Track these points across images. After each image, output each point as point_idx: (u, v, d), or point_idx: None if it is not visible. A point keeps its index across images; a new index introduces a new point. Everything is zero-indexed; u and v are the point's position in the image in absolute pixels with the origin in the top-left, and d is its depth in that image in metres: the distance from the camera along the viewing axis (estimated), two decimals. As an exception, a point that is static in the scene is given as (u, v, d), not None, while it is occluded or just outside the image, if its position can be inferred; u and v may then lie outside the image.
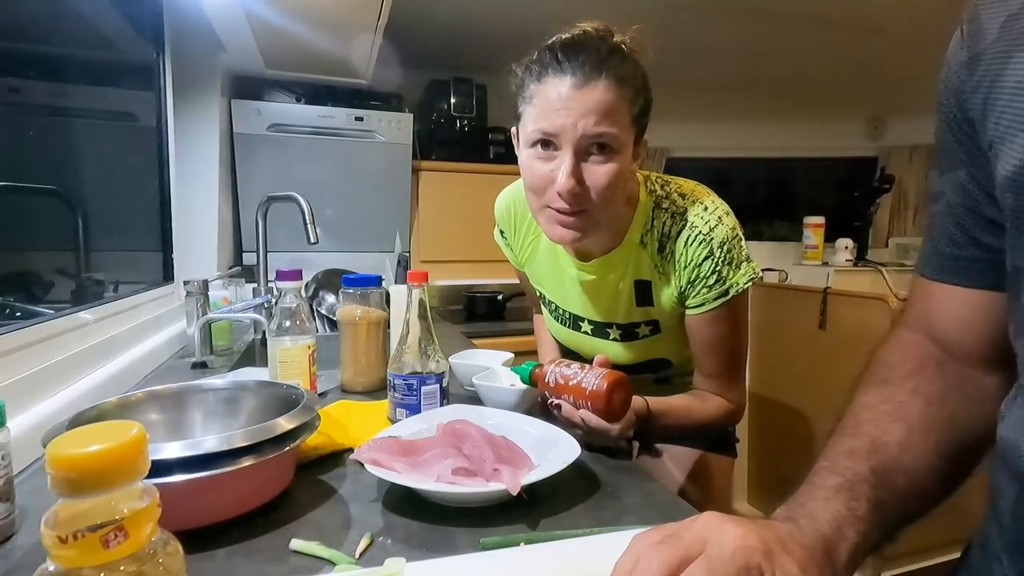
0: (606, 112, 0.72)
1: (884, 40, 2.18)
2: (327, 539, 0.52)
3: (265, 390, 0.72)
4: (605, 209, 0.77)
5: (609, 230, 0.86)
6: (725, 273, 0.82)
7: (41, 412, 0.75)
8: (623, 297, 0.90)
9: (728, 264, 0.82)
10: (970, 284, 0.47)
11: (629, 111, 0.75)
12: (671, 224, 0.83)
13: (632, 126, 0.76)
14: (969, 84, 0.42)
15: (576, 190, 0.74)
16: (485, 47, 2.29)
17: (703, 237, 0.81)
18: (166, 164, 1.49)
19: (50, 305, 0.93)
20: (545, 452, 0.66)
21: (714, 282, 0.82)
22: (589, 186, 0.75)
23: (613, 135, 0.73)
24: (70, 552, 0.27)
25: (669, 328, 0.91)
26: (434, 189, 2.34)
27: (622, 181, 0.77)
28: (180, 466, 0.50)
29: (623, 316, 0.92)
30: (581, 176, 0.74)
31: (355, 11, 1.47)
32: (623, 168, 0.76)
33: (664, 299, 0.87)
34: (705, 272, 0.82)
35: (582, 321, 0.97)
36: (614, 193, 0.77)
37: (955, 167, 0.46)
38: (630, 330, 0.93)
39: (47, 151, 1.03)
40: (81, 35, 1.17)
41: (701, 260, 0.81)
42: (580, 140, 0.73)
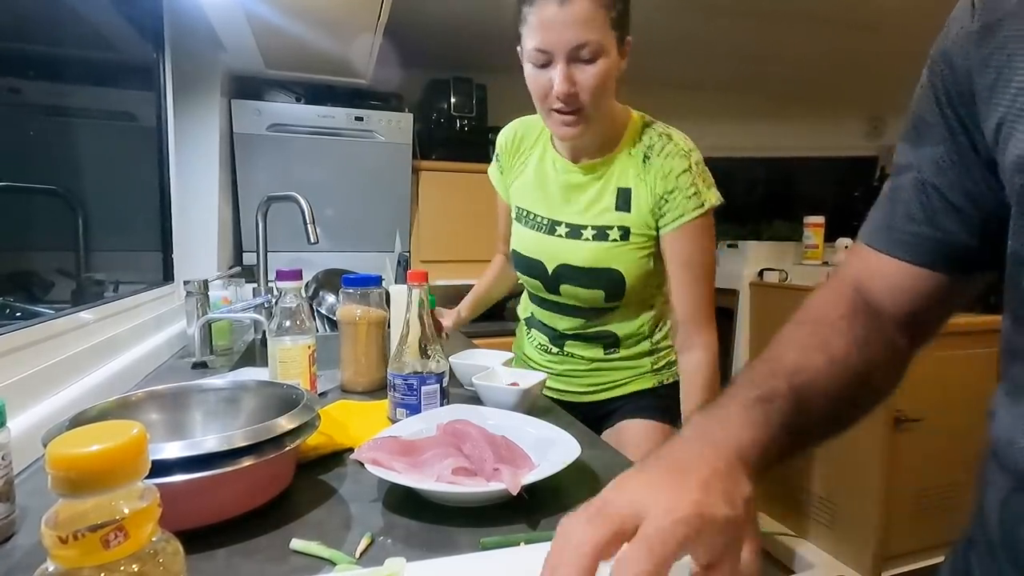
0: (586, 22, 0.84)
1: (884, 40, 2.18)
2: (327, 539, 0.52)
3: (265, 390, 0.72)
4: (598, 104, 0.90)
5: (603, 136, 0.99)
6: (701, 188, 0.94)
7: (41, 412, 0.75)
8: (604, 199, 1.00)
9: (703, 181, 0.95)
10: (912, 260, 0.47)
11: (607, 17, 0.86)
12: (656, 140, 0.97)
13: (613, 29, 0.87)
14: (977, 57, 0.40)
15: (571, 90, 0.88)
16: (485, 47, 2.29)
17: (683, 152, 0.95)
18: (166, 164, 1.49)
19: (50, 305, 0.94)
20: (545, 452, 0.66)
21: (692, 194, 0.94)
22: (582, 86, 0.88)
23: (596, 41, 0.85)
24: (70, 552, 0.27)
25: (635, 240, 0.99)
26: (434, 189, 2.34)
27: (609, 79, 0.90)
28: (180, 466, 0.50)
29: (599, 217, 1.01)
30: (573, 79, 0.87)
31: (355, 11, 1.47)
32: (609, 67, 0.88)
33: (640, 207, 0.97)
34: (683, 183, 0.94)
35: (559, 225, 1.05)
36: (604, 90, 0.90)
37: (934, 142, 0.45)
38: (603, 231, 1.01)
39: (48, 151, 1.03)
40: (81, 35, 1.17)
41: (680, 172, 0.94)
42: (569, 51, 0.86)
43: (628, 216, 0.98)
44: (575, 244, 1.02)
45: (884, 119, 3.13)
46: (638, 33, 0.92)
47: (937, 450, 1.94)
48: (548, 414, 0.87)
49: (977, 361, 1.95)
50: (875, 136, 3.17)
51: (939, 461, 1.97)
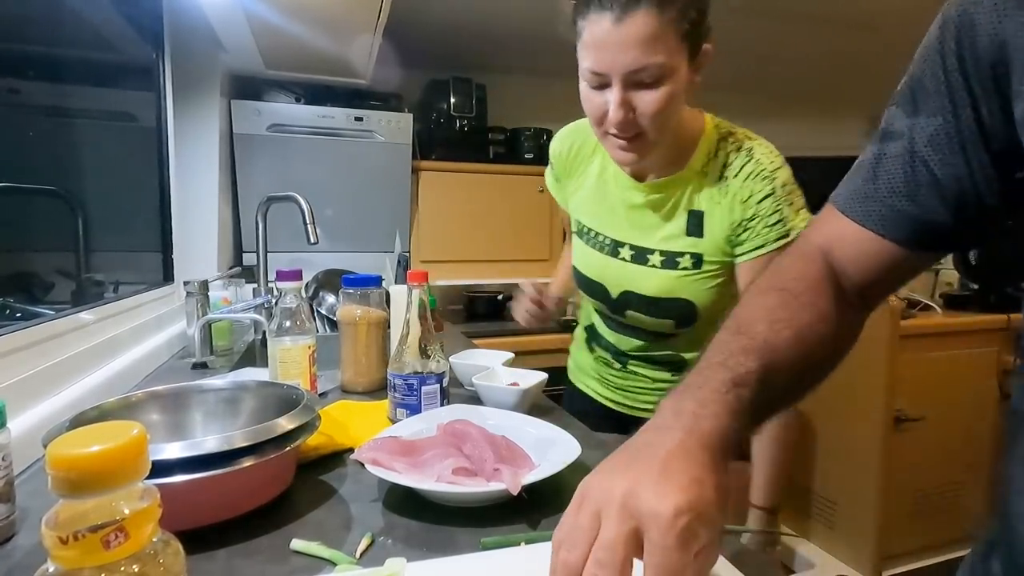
0: (648, 43, 0.72)
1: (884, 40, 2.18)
2: (327, 539, 0.52)
3: (265, 390, 0.72)
4: (660, 130, 0.80)
5: (670, 152, 0.87)
6: (786, 214, 0.81)
7: (41, 413, 0.75)
8: (674, 222, 0.89)
9: (789, 206, 0.82)
10: (886, 234, 0.47)
11: (675, 32, 0.74)
12: (735, 157, 0.84)
13: (683, 43, 0.75)
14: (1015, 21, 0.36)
15: (628, 117, 0.77)
16: (484, 47, 2.29)
17: (766, 174, 0.82)
18: (166, 164, 1.49)
19: (50, 306, 0.94)
20: (545, 452, 0.66)
21: (775, 222, 0.82)
22: (640, 113, 0.77)
23: (658, 64, 0.74)
24: (71, 553, 0.27)
25: (708, 268, 0.88)
26: (434, 189, 2.35)
27: (674, 103, 0.78)
28: (181, 466, 0.50)
29: (668, 242, 0.90)
30: (631, 105, 0.76)
31: (354, 11, 1.47)
32: (674, 89, 0.77)
33: (715, 233, 0.86)
34: (765, 210, 0.82)
35: (622, 247, 0.94)
36: (667, 115, 0.78)
37: (931, 112, 0.42)
38: (673, 258, 0.90)
39: (47, 152, 1.03)
40: (81, 36, 1.17)
41: (762, 197, 0.82)
42: (626, 75, 0.75)
43: (701, 242, 0.87)
44: (641, 271, 0.92)
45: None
46: None
47: (937, 450, 1.94)
48: (548, 414, 0.87)
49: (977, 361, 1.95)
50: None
51: (939, 461, 1.97)
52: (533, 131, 2.46)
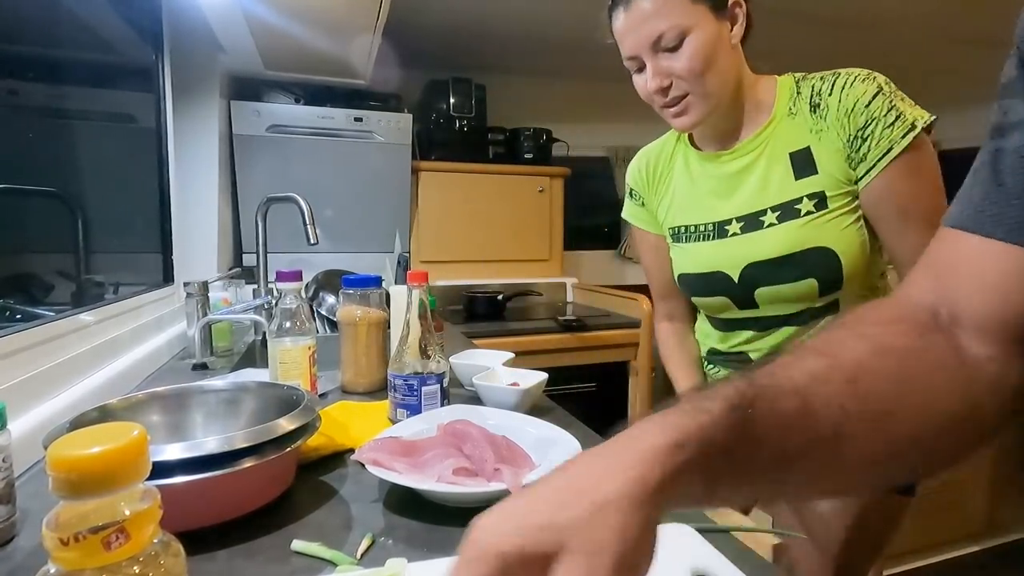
0: (656, 13, 0.78)
1: (883, 40, 2.18)
2: (328, 540, 0.52)
3: (266, 391, 0.72)
4: (703, 86, 0.80)
5: (747, 110, 0.87)
6: (902, 108, 0.74)
7: (42, 414, 0.75)
8: (777, 172, 0.84)
9: (902, 100, 0.75)
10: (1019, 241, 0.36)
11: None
12: (820, 83, 0.82)
13: (696, 2, 0.79)
14: None
15: (664, 84, 0.81)
16: (484, 47, 2.29)
17: (864, 76, 0.77)
18: (165, 165, 1.49)
19: (51, 307, 0.93)
20: (546, 452, 0.66)
21: (894, 119, 0.74)
22: (677, 75, 0.80)
23: (672, 26, 0.78)
24: (71, 554, 0.27)
25: (836, 204, 0.80)
26: (434, 189, 2.35)
27: (707, 53, 0.79)
28: (181, 467, 0.50)
29: (779, 195, 0.83)
30: (665, 72, 0.81)
31: (354, 11, 1.47)
32: (704, 43, 0.79)
33: (830, 162, 0.79)
34: (879, 109, 0.74)
35: (728, 224, 0.88)
36: (705, 67, 0.79)
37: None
38: (790, 207, 0.82)
39: (47, 153, 1.03)
40: (80, 37, 1.17)
41: (870, 98, 0.75)
42: (649, 47, 0.80)
43: (817, 178, 0.80)
44: (758, 236, 0.84)
45: (883, 118, 3.13)
46: None
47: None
48: (548, 414, 0.87)
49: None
50: (874, 135, 3.17)
51: (940, 460, 1.97)
52: (533, 131, 2.46)
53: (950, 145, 3.05)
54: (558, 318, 2.06)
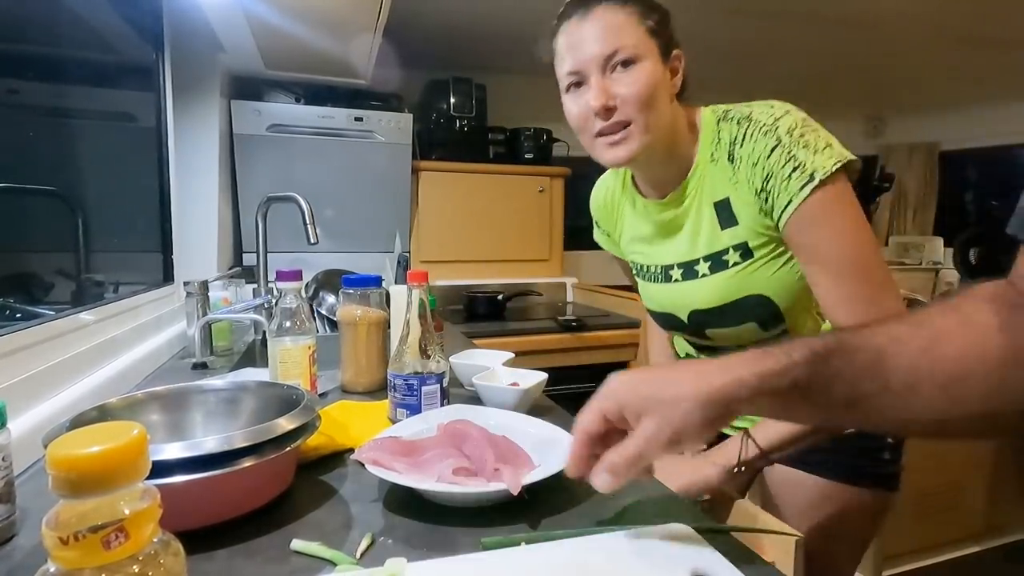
0: (613, 30, 0.76)
1: (884, 40, 2.18)
2: (328, 539, 0.52)
3: (265, 391, 0.72)
4: (646, 117, 0.77)
5: (676, 157, 0.84)
6: (802, 158, 0.73)
7: (42, 413, 0.75)
8: (705, 223, 0.84)
9: (803, 148, 0.73)
10: None
11: (640, 23, 0.77)
12: (736, 130, 0.79)
13: (650, 37, 0.77)
14: None
15: (609, 103, 0.76)
16: (484, 47, 2.30)
17: (767, 128, 0.76)
18: (166, 165, 1.49)
19: (50, 306, 0.93)
20: (546, 452, 0.66)
21: (791, 171, 0.73)
22: (622, 97, 0.76)
23: (628, 46, 0.75)
24: (71, 553, 0.27)
25: (761, 253, 0.81)
26: (434, 189, 2.35)
27: (655, 86, 0.76)
28: (181, 467, 0.50)
29: (709, 245, 0.84)
30: (610, 92, 0.76)
31: (354, 11, 1.47)
32: (651, 73, 0.76)
33: (747, 213, 0.80)
34: (775, 164, 0.74)
35: (671, 269, 0.90)
36: (650, 99, 0.76)
37: None
38: (719, 258, 0.84)
39: (47, 152, 1.03)
40: (81, 36, 1.17)
41: (769, 152, 0.75)
42: (600, 62, 0.76)
43: (739, 229, 0.81)
44: (695, 285, 0.87)
45: (884, 118, 3.13)
46: None
47: (937, 450, 1.94)
48: (548, 414, 0.87)
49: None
50: (875, 135, 3.17)
51: (939, 461, 1.97)
52: (533, 131, 2.46)
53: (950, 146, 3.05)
54: (558, 318, 2.06)
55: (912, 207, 3.10)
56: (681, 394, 0.45)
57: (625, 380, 0.48)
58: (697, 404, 0.44)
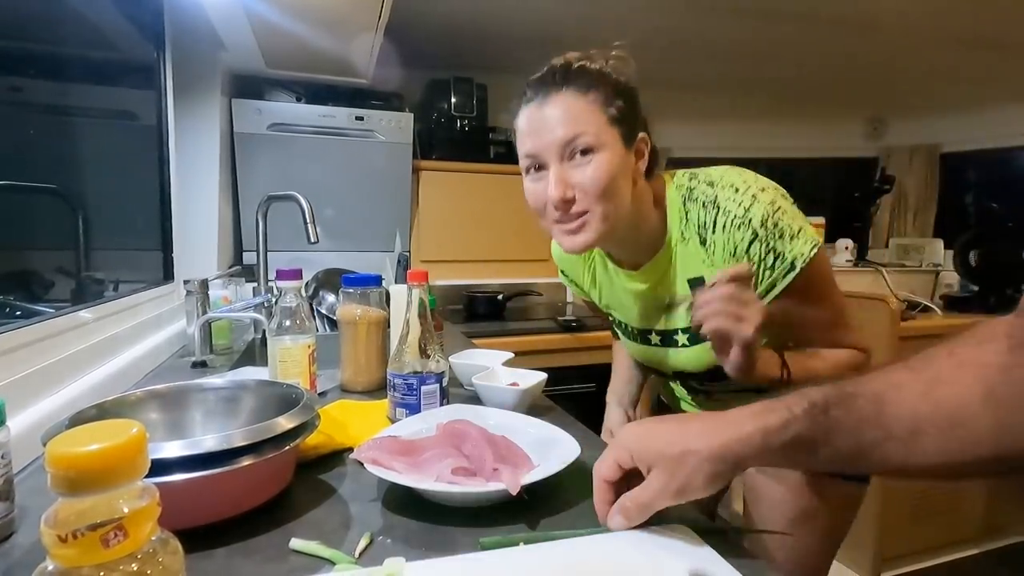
0: (573, 118, 0.75)
1: (884, 41, 2.18)
2: (327, 538, 0.52)
3: (265, 389, 0.72)
4: (604, 206, 0.76)
5: (645, 235, 0.85)
6: (780, 248, 0.77)
7: (41, 411, 0.75)
8: (679, 298, 0.87)
9: (779, 238, 0.76)
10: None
11: (602, 111, 0.76)
12: (704, 214, 0.80)
13: (611, 126, 0.76)
14: None
15: (567, 196, 0.75)
16: (486, 47, 2.29)
17: (739, 221, 0.77)
18: (166, 163, 1.49)
19: (50, 304, 0.93)
20: (545, 452, 0.66)
21: (773, 261, 0.77)
22: (581, 187, 0.76)
23: (586, 134, 0.74)
24: (70, 551, 0.27)
25: None
26: (434, 189, 2.34)
27: (614, 176, 0.76)
28: (180, 465, 0.50)
29: (685, 319, 0.87)
30: (569, 182, 0.76)
31: (356, 10, 1.47)
32: (610, 163, 0.75)
33: None
34: (757, 256, 0.77)
35: (649, 333, 0.94)
36: (609, 189, 0.75)
37: None
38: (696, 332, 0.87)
39: (47, 150, 1.03)
40: (82, 34, 1.17)
41: (747, 245, 0.77)
42: (558, 149, 0.75)
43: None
44: (676, 352, 0.91)
45: (884, 120, 3.12)
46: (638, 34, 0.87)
47: (937, 451, 1.94)
48: (548, 414, 0.87)
49: (977, 362, 1.94)
50: (875, 137, 3.16)
51: (939, 462, 1.97)
52: (534, 131, 2.46)
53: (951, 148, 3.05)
54: (558, 318, 2.06)
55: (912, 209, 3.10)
56: (689, 450, 0.47)
57: (637, 433, 0.52)
58: (704, 460, 0.47)
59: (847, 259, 2.77)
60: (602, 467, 0.53)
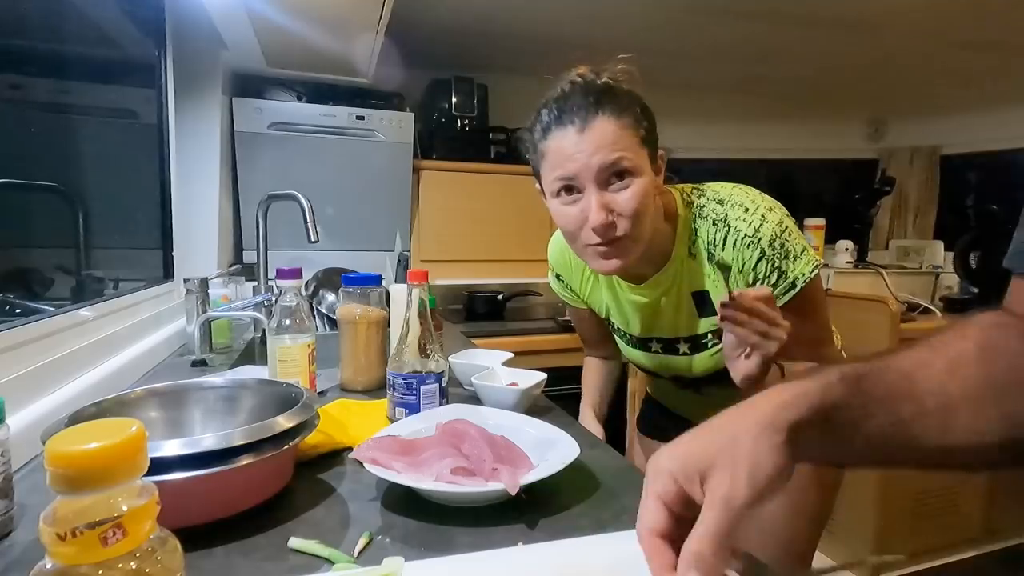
0: (613, 142, 0.76)
1: (885, 42, 2.18)
2: (326, 538, 0.52)
3: (264, 388, 0.72)
4: (639, 229, 0.79)
5: (653, 249, 0.86)
6: (785, 268, 0.81)
7: (40, 409, 0.75)
8: (683, 312, 0.90)
9: (785, 258, 0.81)
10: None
11: (635, 134, 0.78)
12: (714, 232, 0.84)
13: (642, 146, 0.79)
14: None
15: (608, 221, 0.77)
16: (486, 46, 2.29)
17: (749, 239, 0.81)
18: (167, 162, 1.49)
19: (50, 302, 0.93)
20: (544, 452, 0.66)
21: (776, 279, 0.81)
22: (619, 212, 0.77)
23: (627, 159, 0.76)
24: (69, 549, 0.27)
25: None
26: (435, 188, 2.35)
27: (648, 199, 0.79)
28: (179, 464, 0.50)
29: (687, 329, 0.91)
30: (609, 207, 0.77)
31: (357, 9, 1.47)
32: (646, 187, 0.78)
33: None
34: (763, 273, 0.81)
35: (650, 341, 0.97)
36: (644, 212, 0.78)
37: None
38: (698, 341, 0.92)
39: (48, 148, 1.03)
40: (83, 32, 1.17)
41: (755, 263, 0.81)
42: (598, 174, 0.76)
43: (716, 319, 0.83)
44: (676, 360, 0.95)
45: (885, 121, 3.12)
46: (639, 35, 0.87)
47: (936, 453, 1.94)
48: (547, 414, 0.87)
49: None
50: (876, 138, 3.16)
51: (938, 464, 1.97)
52: (534, 131, 2.46)
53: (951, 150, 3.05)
54: (558, 318, 2.06)
55: (912, 211, 3.10)
56: (737, 432, 0.38)
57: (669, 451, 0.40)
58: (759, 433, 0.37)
59: (847, 261, 2.77)
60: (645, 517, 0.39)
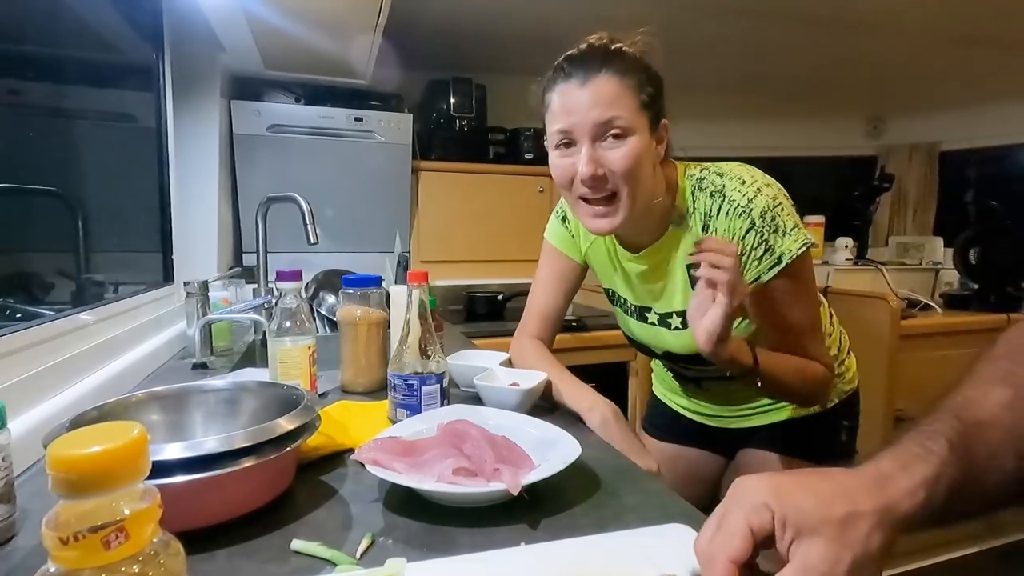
0: (610, 100, 0.78)
1: (883, 39, 2.18)
2: (328, 539, 0.52)
3: (265, 391, 0.72)
4: (633, 189, 0.80)
5: (652, 219, 0.88)
6: (772, 241, 0.82)
7: (42, 413, 0.75)
8: (678, 283, 0.91)
9: (774, 232, 0.82)
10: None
11: (635, 97, 0.79)
12: (711, 203, 0.85)
13: (642, 110, 0.80)
14: None
15: (597, 173, 0.79)
16: (484, 47, 2.29)
17: (741, 209, 0.82)
18: (166, 165, 1.49)
19: (50, 306, 0.93)
20: (545, 452, 0.66)
21: (763, 253, 0.82)
22: (610, 169, 0.79)
23: (622, 118, 0.78)
24: (71, 553, 0.27)
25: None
26: (434, 189, 2.35)
27: (641, 161, 0.80)
28: (181, 467, 0.50)
29: (681, 302, 0.91)
30: (600, 161, 0.79)
31: (354, 11, 1.47)
32: (640, 148, 0.79)
33: None
34: (749, 244, 0.82)
35: (647, 311, 0.97)
36: (637, 172, 0.79)
37: None
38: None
39: (47, 152, 1.03)
40: (80, 36, 1.17)
41: (744, 232, 0.82)
42: (592, 130, 0.78)
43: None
44: (669, 334, 0.95)
45: (884, 119, 3.12)
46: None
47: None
48: (549, 414, 0.87)
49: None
50: (875, 136, 3.16)
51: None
52: (533, 131, 2.46)
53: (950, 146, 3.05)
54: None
55: (912, 207, 3.10)
56: (857, 512, 0.35)
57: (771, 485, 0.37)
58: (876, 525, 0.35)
59: (847, 257, 2.77)
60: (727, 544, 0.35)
